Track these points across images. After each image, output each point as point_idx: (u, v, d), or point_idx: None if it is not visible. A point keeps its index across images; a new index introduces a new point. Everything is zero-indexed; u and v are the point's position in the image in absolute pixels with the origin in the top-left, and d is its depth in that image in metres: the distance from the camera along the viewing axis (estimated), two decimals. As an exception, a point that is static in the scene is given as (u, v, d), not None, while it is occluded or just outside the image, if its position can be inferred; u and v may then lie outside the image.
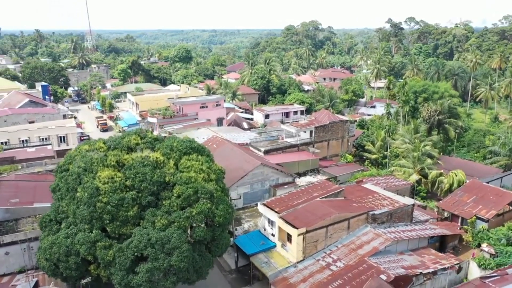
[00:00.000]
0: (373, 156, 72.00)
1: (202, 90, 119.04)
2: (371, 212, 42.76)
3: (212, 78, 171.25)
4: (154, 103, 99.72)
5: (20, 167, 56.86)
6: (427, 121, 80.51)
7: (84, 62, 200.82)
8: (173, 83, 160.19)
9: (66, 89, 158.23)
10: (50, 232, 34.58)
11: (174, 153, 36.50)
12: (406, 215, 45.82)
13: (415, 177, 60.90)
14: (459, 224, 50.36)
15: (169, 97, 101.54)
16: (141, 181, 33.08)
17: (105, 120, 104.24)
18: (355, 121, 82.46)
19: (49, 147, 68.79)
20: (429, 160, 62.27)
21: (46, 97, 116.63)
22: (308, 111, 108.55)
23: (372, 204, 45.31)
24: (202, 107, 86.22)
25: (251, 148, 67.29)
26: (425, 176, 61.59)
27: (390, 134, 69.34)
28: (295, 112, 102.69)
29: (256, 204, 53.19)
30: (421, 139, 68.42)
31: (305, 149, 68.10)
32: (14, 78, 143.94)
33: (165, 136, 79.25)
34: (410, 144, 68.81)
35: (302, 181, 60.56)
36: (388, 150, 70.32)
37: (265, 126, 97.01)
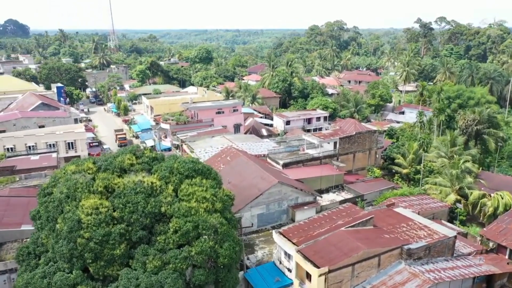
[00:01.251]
0: (404, 171, 65.03)
1: (220, 93, 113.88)
2: (406, 246, 36.27)
3: (232, 80, 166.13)
4: (169, 107, 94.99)
5: (17, 179, 52.73)
6: (464, 131, 72.93)
7: (104, 62, 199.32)
8: (192, 84, 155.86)
9: (84, 90, 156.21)
10: (27, 268, 29.65)
11: (174, 177, 31.03)
12: (447, 248, 39.07)
13: (453, 197, 53.82)
14: (507, 257, 43.20)
15: (184, 101, 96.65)
16: (131, 212, 27.73)
17: (124, 134, 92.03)
18: (384, 131, 75.46)
19: (53, 155, 64.70)
20: (469, 179, 55.02)
21: (61, 98, 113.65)
22: (331, 117, 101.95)
23: (407, 235, 38.79)
24: (218, 112, 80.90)
25: (268, 160, 61.46)
26: (465, 196, 54.42)
27: (425, 148, 62.21)
28: (318, 118, 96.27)
29: (273, 227, 47.52)
30: (459, 152, 61.15)
31: (328, 162, 61.80)
32: (33, 78, 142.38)
33: (173, 146, 74.37)
34: (446, 159, 61.62)
35: (325, 199, 54.39)
36: (421, 165, 63.25)
37: (285, 133, 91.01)
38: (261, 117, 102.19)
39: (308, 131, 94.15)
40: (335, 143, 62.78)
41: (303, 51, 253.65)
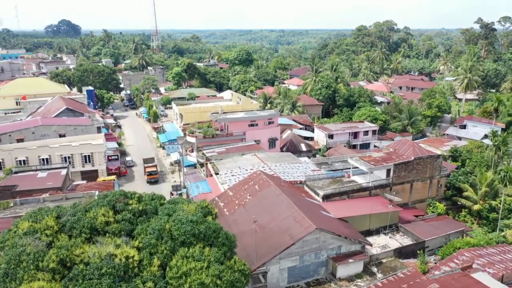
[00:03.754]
0: (475, 207, 52.53)
1: (256, 100, 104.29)
2: None
3: (272, 84, 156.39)
4: (200, 115, 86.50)
5: (12, 204, 45.54)
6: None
7: (144, 63, 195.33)
8: (230, 88, 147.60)
9: (119, 92, 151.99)
10: None
11: (164, 245, 21.75)
12: None
13: (546, 251, 41.12)
14: None
15: (216, 109, 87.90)
16: (90, 308, 18.44)
17: (155, 167, 72.61)
18: (450, 156, 62.86)
19: (63, 171, 57.54)
20: None
21: (91, 102, 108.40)
22: (381, 130, 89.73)
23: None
24: (252, 125, 71.29)
25: (306, 188, 51.14)
26: (562, 250, 41.53)
27: (507, 183, 49.56)
28: (366, 133, 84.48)
29: (307, 284, 37.33)
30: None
31: (379, 193, 50.58)
32: (69, 80, 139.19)
33: (198, 163, 65.33)
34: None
35: (375, 243, 43.36)
36: (498, 200, 50.58)
37: (327, 149, 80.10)
38: (300, 128, 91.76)
39: (354, 147, 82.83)
40: (388, 171, 51.43)
41: (349, 53, 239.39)
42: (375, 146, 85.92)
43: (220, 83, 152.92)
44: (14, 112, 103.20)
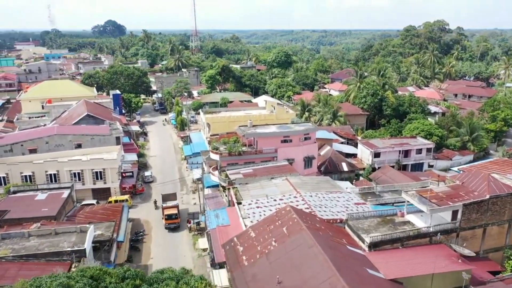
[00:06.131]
0: None
1: (293, 107, 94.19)
2: None
3: (312, 88, 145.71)
4: (229, 125, 77.72)
5: (-9, 239, 38.26)
6: None
7: (180, 64, 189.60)
8: (266, 92, 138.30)
9: (151, 95, 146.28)
10: None
11: None
12: None
13: None
14: None
15: (242, 124, 78.74)
16: None
17: (176, 208, 56.09)
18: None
19: (65, 193, 50.23)
20: None
21: (117, 107, 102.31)
22: (437, 147, 77.33)
23: None
24: (285, 141, 61.55)
25: (347, 229, 40.88)
26: None
27: None
28: (419, 151, 72.57)
29: None
30: None
31: (443, 241, 39.48)
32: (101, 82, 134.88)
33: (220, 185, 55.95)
34: None
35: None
36: None
37: (372, 169, 69.04)
38: (341, 143, 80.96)
39: (404, 167, 71.21)
40: (455, 212, 40.19)
41: (396, 55, 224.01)
42: (429, 167, 73.93)
43: (256, 87, 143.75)
44: (38, 117, 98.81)
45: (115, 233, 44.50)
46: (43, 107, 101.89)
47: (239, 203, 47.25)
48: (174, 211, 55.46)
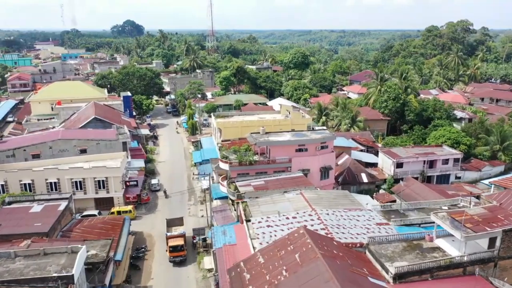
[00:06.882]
0: None
1: (308, 112, 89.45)
2: None
3: (329, 91, 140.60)
4: (241, 130, 73.60)
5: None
6: None
7: (195, 65, 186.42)
8: (282, 95, 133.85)
9: (164, 97, 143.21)
10: None
11: None
12: None
13: None
14: None
15: (262, 123, 74.67)
16: None
17: (182, 239, 47.60)
18: None
19: (62, 204, 46.73)
20: None
21: (127, 110, 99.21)
22: (465, 157, 71.68)
23: None
24: (300, 150, 57.07)
25: (369, 255, 36.23)
26: None
27: None
28: (445, 161, 67.09)
29: None
30: None
31: (480, 273, 34.45)
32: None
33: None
34: None
35: None
36: None
37: (394, 181, 63.99)
38: (361, 150, 76.04)
39: (429, 179, 65.96)
40: (492, 240, 35.14)
41: (417, 56, 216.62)
42: (456, 178, 68.44)
43: (272, 88, 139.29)
44: (47, 119, 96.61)
45: (112, 251, 40.83)
46: (52, 109, 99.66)
47: (247, 221, 42.98)
48: (180, 241, 46.71)
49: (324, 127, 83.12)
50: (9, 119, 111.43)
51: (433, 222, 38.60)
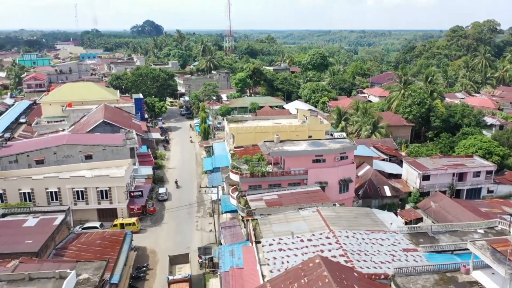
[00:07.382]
0: None
1: (326, 117, 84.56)
2: None
3: (349, 94, 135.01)
4: (255, 136, 69.33)
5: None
6: None
7: (211, 65, 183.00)
8: (299, 97, 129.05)
9: (178, 98, 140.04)
10: None
11: None
12: None
13: None
14: None
15: (278, 129, 70.39)
16: None
17: (187, 284, 40.31)
18: None
19: (58, 218, 43.30)
20: None
21: (139, 112, 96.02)
22: (499, 169, 65.76)
23: None
24: (317, 160, 52.54)
25: (394, 289, 31.50)
26: None
27: None
28: (477, 174, 61.36)
29: None
30: None
31: (526, 316, 29.37)
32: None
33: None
34: None
35: None
36: None
37: (420, 194, 58.74)
38: (383, 159, 70.89)
39: (457, 194, 60.50)
40: (543, 275, 29.96)
41: (441, 57, 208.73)
42: (488, 192, 62.69)
43: (289, 91, 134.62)
44: (57, 121, 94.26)
45: (108, 273, 37.12)
46: (63, 111, 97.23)
47: (257, 242, 38.68)
48: (185, 284, 39.91)
49: (343, 133, 78.38)
50: (22, 120, 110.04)
51: (467, 249, 33.75)
